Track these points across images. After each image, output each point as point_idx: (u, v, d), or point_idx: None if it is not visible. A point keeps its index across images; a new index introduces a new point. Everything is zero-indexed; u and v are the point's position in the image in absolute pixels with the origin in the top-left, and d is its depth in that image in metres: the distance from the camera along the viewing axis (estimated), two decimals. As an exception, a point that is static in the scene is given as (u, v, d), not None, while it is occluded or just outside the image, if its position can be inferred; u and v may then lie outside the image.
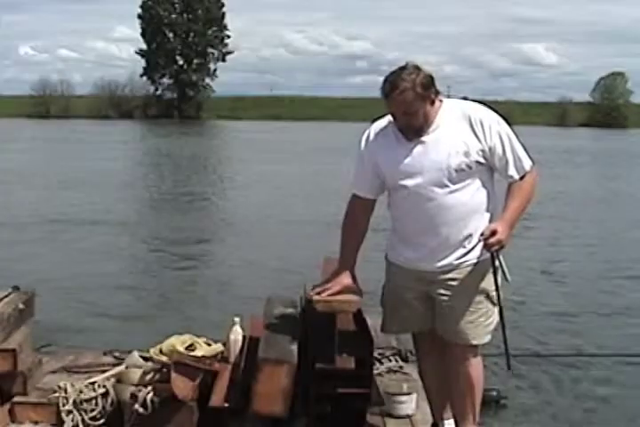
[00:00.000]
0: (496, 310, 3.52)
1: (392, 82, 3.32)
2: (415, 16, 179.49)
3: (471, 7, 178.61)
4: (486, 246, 3.33)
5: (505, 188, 3.51)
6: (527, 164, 3.47)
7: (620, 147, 42.10)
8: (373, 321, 3.94)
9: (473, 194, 3.44)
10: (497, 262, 3.40)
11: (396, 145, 3.46)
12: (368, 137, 3.56)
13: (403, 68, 3.34)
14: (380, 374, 4.41)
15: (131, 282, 9.35)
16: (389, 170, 3.47)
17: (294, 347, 3.66)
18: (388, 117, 3.51)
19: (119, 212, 15.13)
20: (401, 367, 4.61)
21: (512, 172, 3.43)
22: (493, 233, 3.30)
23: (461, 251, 3.45)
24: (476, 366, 3.57)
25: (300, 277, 4.78)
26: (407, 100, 3.30)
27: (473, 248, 3.44)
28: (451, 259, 3.46)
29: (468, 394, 3.58)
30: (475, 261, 3.46)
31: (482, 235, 3.33)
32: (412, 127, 3.39)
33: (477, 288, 3.48)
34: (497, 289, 3.44)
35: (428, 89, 3.33)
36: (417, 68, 3.34)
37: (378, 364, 4.52)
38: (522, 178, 3.44)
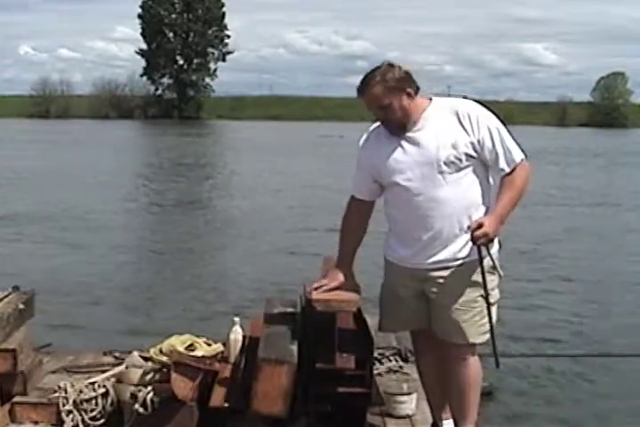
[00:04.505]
0: (493, 309, 3.53)
1: (362, 79, 3.44)
2: (415, 16, 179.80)
3: (471, 7, 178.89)
4: (472, 239, 3.33)
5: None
6: (517, 156, 3.46)
7: (620, 146, 42.08)
8: (373, 321, 3.94)
9: (466, 189, 3.44)
10: (485, 257, 3.38)
11: (386, 143, 3.51)
12: (364, 141, 3.63)
13: (377, 67, 3.45)
14: (379, 374, 4.41)
15: (131, 282, 9.35)
16: (381, 168, 3.51)
17: (294, 347, 3.66)
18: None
19: (118, 212, 15.14)
20: (401, 367, 4.61)
21: (502, 165, 3.43)
22: (480, 226, 3.30)
23: (455, 247, 3.44)
24: (473, 365, 3.57)
25: (300, 277, 4.78)
26: (376, 94, 3.39)
27: (467, 245, 3.43)
28: (444, 255, 3.45)
29: (466, 394, 3.58)
30: (469, 259, 3.44)
31: (468, 227, 3.34)
32: (393, 121, 3.44)
33: (472, 287, 3.47)
34: (484, 285, 3.42)
35: (400, 82, 3.39)
36: (391, 65, 3.44)
37: (378, 364, 4.53)
38: (513, 171, 3.44)
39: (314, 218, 14.22)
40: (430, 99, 3.50)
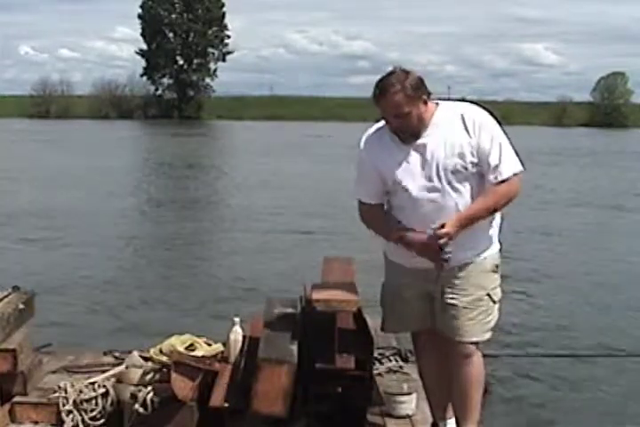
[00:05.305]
0: (496, 307, 3.55)
1: (381, 86, 3.37)
2: (415, 16, 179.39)
3: (471, 7, 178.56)
4: (436, 237, 3.34)
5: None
6: (511, 169, 3.41)
7: (621, 146, 42.06)
8: (373, 321, 3.95)
9: (470, 195, 3.44)
10: (447, 258, 3.38)
11: (393, 149, 3.48)
12: (365, 143, 3.58)
13: (391, 73, 3.39)
14: (379, 374, 4.42)
15: (131, 282, 9.34)
16: (388, 174, 3.48)
17: (294, 347, 3.66)
18: (383, 121, 3.52)
19: (117, 212, 15.13)
20: (401, 367, 4.62)
21: (491, 177, 3.39)
22: (442, 227, 3.32)
23: (460, 248, 3.43)
24: (476, 363, 3.57)
25: (300, 277, 4.78)
26: (398, 102, 3.33)
27: (472, 246, 3.45)
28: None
29: (469, 392, 3.58)
30: (474, 259, 3.47)
31: (442, 226, 3.33)
32: (407, 129, 3.41)
33: (477, 286, 3.49)
34: (438, 282, 3.47)
35: (417, 90, 3.36)
36: (405, 71, 3.39)
37: (378, 364, 4.53)
38: (503, 182, 3.40)
39: (314, 218, 14.20)
40: (437, 103, 3.47)
